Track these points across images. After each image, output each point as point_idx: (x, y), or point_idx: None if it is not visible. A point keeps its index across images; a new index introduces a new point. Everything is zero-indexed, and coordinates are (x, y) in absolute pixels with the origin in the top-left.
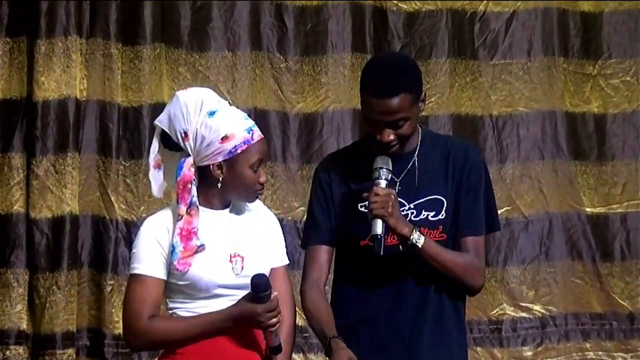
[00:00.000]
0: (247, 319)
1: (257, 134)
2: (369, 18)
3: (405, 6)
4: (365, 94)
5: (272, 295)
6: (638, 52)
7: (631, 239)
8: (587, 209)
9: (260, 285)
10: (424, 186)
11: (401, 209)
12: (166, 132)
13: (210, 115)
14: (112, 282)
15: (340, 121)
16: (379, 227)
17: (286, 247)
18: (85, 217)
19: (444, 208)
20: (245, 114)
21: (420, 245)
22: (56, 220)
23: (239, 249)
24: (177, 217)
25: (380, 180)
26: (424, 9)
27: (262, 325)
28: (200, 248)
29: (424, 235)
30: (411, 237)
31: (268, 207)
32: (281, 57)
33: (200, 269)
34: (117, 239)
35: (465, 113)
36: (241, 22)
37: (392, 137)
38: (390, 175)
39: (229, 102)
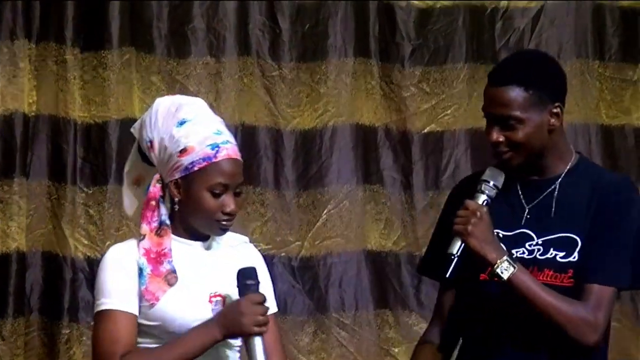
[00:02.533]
0: (231, 319)
1: (225, 153)
2: (374, 17)
3: (416, 1)
4: (487, 83)
5: (258, 287)
6: None
7: None
8: None
9: (246, 273)
10: (559, 221)
11: (527, 244)
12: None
13: (178, 125)
14: (67, 332)
15: (342, 139)
16: (455, 246)
17: (276, 290)
18: (34, 254)
19: (578, 249)
20: (221, 130)
21: (505, 278)
22: (0, 258)
23: (219, 288)
24: (140, 238)
25: (478, 195)
26: (438, 5)
27: (247, 325)
28: (172, 277)
29: (515, 266)
30: (497, 265)
31: (257, 242)
32: (274, 64)
33: (174, 307)
34: (76, 280)
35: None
36: (226, 22)
37: (500, 138)
38: (494, 192)
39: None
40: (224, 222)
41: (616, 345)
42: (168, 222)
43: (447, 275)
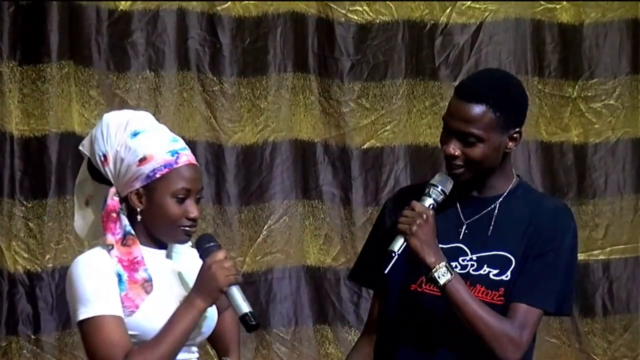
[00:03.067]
0: (207, 284)
1: (185, 159)
2: (312, 31)
3: (355, 17)
4: (453, 94)
5: (219, 247)
6: (622, 70)
7: (614, 291)
8: None
9: (204, 239)
10: (495, 239)
11: (461, 258)
12: (90, 160)
13: (133, 136)
14: (4, 344)
15: (283, 154)
16: (397, 244)
17: None
18: None
19: (511, 269)
20: (176, 137)
21: (441, 283)
22: None
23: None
24: (108, 248)
25: (425, 198)
26: (377, 20)
27: (221, 280)
28: (148, 285)
29: (452, 273)
30: (435, 269)
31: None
32: (214, 79)
33: (152, 316)
34: (15, 293)
35: (425, 143)
36: (165, 36)
37: (457, 152)
38: (441, 197)
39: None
40: (187, 228)
41: None
42: (132, 231)
43: (386, 272)
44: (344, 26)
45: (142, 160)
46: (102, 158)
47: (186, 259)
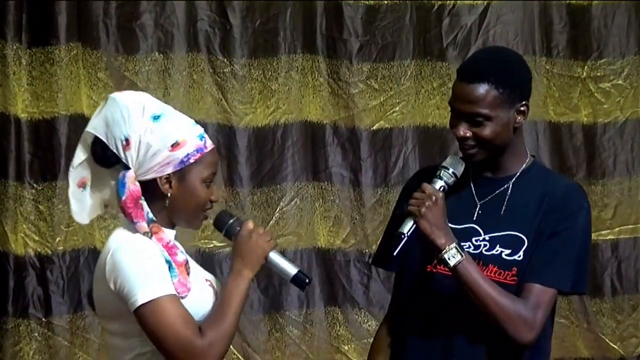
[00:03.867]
0: (248, 255)
1: (210, 142)
2: (321, 13)
3: None
4: (456, 78)
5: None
6: (630, 50)
7: (623, 271)
8: None
9: (222, 217)
10: (508, 219)
11: (474, 238)
12: (98, 143)
13: (155, 120)
14: (10, 327)
15: (294, 136)
16: (407, 226)
17: None
18: None
19: (524, 249)
20: (193, 120)
21: (451, 264)
22: None
23: (206, 274)
24: (147, 235)
25: (436, 180)
26: (385, 1)
27: (262, 248)
28: (188, 266)
29: (462, 254)
30: (445, 250)
31: (210, 239)
32: (225, 60)
33: (199, 297)
34: (26, 276)
35: (433, 124)
36: (174, 18)
37: (467, 133)
38: (452, 180)
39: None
40: (207, 212)
41: (564, 343)
42: (155, 218)
43: (395, 253)
44: (352, 7)
45: (175, 145)
46: (124, 142)
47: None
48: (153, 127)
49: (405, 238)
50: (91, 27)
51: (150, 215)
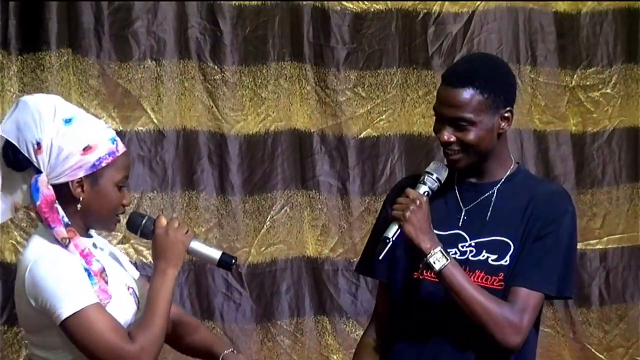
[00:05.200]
0: (170, 251)
1: (122, 146)
2: (308, 20)
3: (351, 5)
4: (441, 83)
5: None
6: (617, 59)
7: (611, 280)
8: None
9: (133, 217)
10: (494, 225)
11: (460, 244)
12: (9, 146)
13: (66, 123)
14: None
15: (283, 144)
16: (391, 230)
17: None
18: None
19: (510, 253)
20: (104, 123)
21: (437, 268)
22: None
23: (127, 279)
24: (64, 242)
25: (420, 185)
26: (372, 9)
27: (181, 242)
28: (105, 274)
29: (448, 259)
30: (430, 254)
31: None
32: (215, 67)
33: (120, 304)
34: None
35: (418, 133)
36: (166, 25)
37: (452, 138)
38: (436, 185)
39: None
40: (119, 216)
41: (550, 352)
42: (69, 222)
43: (380, 258)
44: (339, 15)
45: (87, 149)
46: (36, 146)
47: (103, 244)
48: (64, 131)
49: (390, 243)
50: (83, 34)
51: (66, 219)
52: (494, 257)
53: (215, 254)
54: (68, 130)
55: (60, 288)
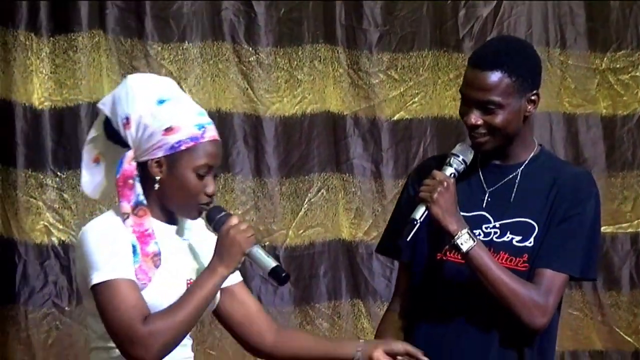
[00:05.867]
0: (228, 251)
1: (210, 134)
2: (340, 3)
3: None
4: (468, 65)
5: (230, 215)
6: None
7: None
8: None
9: (214, 211)
10: (517, 206)
11: (484, 226)
12: (108, 119)
13: (159, 104)
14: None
15: (319, 126)
16: (419, 212)
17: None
18: None
19: (534, 235)
20: (203, 110)
21: (464, 250)
22: None
23: (193, 274)
24: (124, 217)
25: (446, 167)
26: None
27: (243, 244)
28: (157, 259)
29: (475, 240)
30: (457, 236)
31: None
32: (250, 49)
33: (157, 291)
34: (47, 265)
35: (450, 116)
36: (200, 6)
37: (479, 121)
38: (462, 167)
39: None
40: (203, 205)
41: (578, 334)
42: (145, 202)
43: (408, 239)
44: None
45: (168, 130)
46: (125, 121)
47: (196, 235)
48: (154, 110)
49: (418, 224)
50: (124, 16)
51: (141, 197)
52: (518, 238)
53: (270, 263)
54: (158, 110)
55: (98, 255)
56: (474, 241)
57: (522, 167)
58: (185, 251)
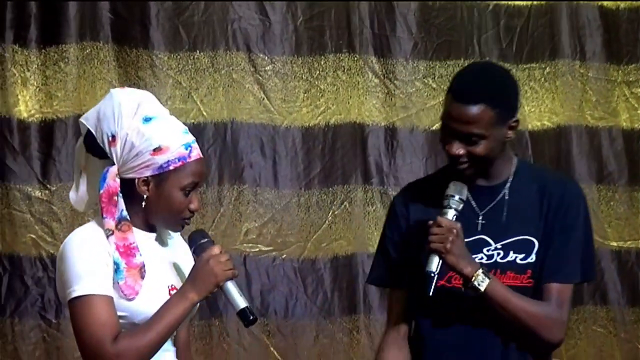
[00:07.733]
0: (202, 278)
1: (196, 153)
2: (371, 11)
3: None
4: (448, 95)
5: (213, 242)
6: None
7: None
8: (613, 243)
9: (197, 234)
10: (513, 224)
11: (486, 249)
12: (89, 133)
13: (145, 122)
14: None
15: (343, 137)
16: (434, 263)
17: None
18: None
19: (535, 251)
20: (186, 128)
21: (482, 289)
22: None
23: (175, 280)
24: (107, 232)
25: (447, 210)
26: (437, 2)
27: (219, 275)
28: (144, 270)
29: (489, 277)
30: (474, 278)
31: (253, 242)
32: (266, 58)
33: (141, 300)
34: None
35: None
36: (213, 15)
37: (461, 151)
38: (461, 206)
39: (170, 113)
40: (187, 220)
41: (602, 352)
42: (128, 217)
43: (430, 294)
44: (404, 3)
45: (157, 150)
46: (110, 138)
47: (177, 244)
48: (141, 129)
49: (436, 277)
50: (133, 26)
51: (125, 213)
52: (521, 256)
53: (242, 303)
54: (145, 129)
55: (77, 269)
56: (489, 278)
57: (508, 184)
58: (165, 257)
